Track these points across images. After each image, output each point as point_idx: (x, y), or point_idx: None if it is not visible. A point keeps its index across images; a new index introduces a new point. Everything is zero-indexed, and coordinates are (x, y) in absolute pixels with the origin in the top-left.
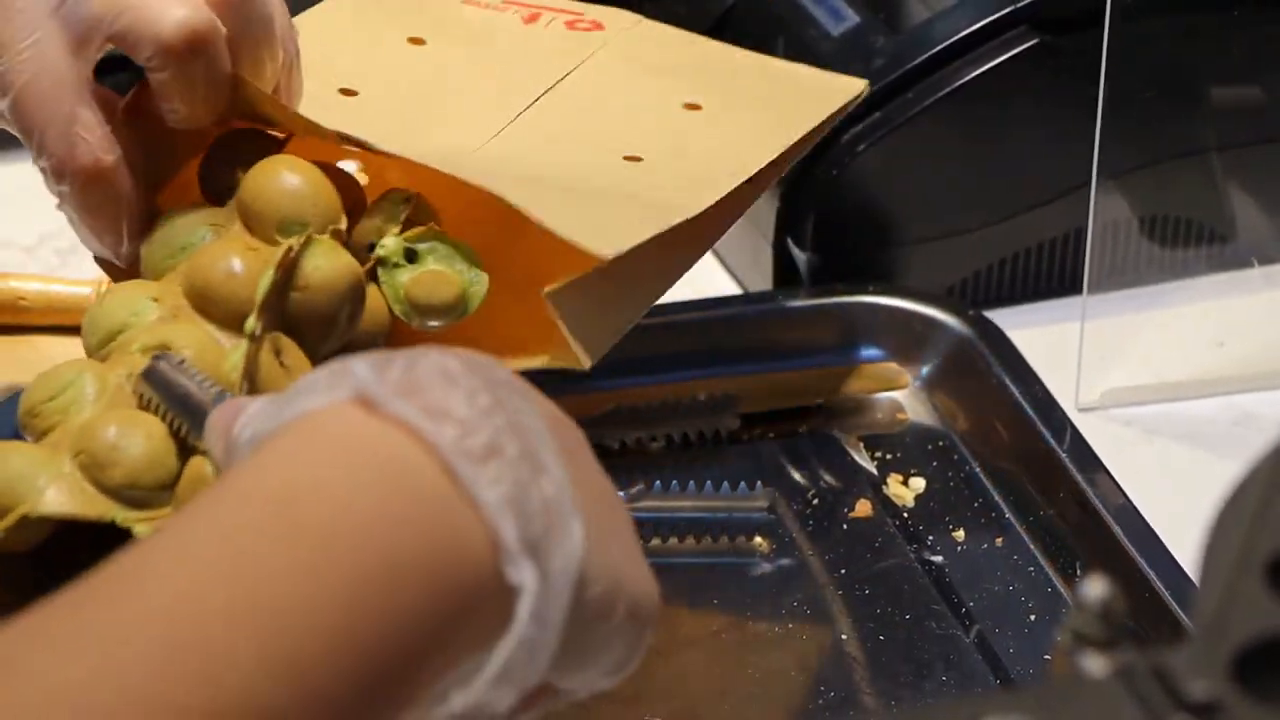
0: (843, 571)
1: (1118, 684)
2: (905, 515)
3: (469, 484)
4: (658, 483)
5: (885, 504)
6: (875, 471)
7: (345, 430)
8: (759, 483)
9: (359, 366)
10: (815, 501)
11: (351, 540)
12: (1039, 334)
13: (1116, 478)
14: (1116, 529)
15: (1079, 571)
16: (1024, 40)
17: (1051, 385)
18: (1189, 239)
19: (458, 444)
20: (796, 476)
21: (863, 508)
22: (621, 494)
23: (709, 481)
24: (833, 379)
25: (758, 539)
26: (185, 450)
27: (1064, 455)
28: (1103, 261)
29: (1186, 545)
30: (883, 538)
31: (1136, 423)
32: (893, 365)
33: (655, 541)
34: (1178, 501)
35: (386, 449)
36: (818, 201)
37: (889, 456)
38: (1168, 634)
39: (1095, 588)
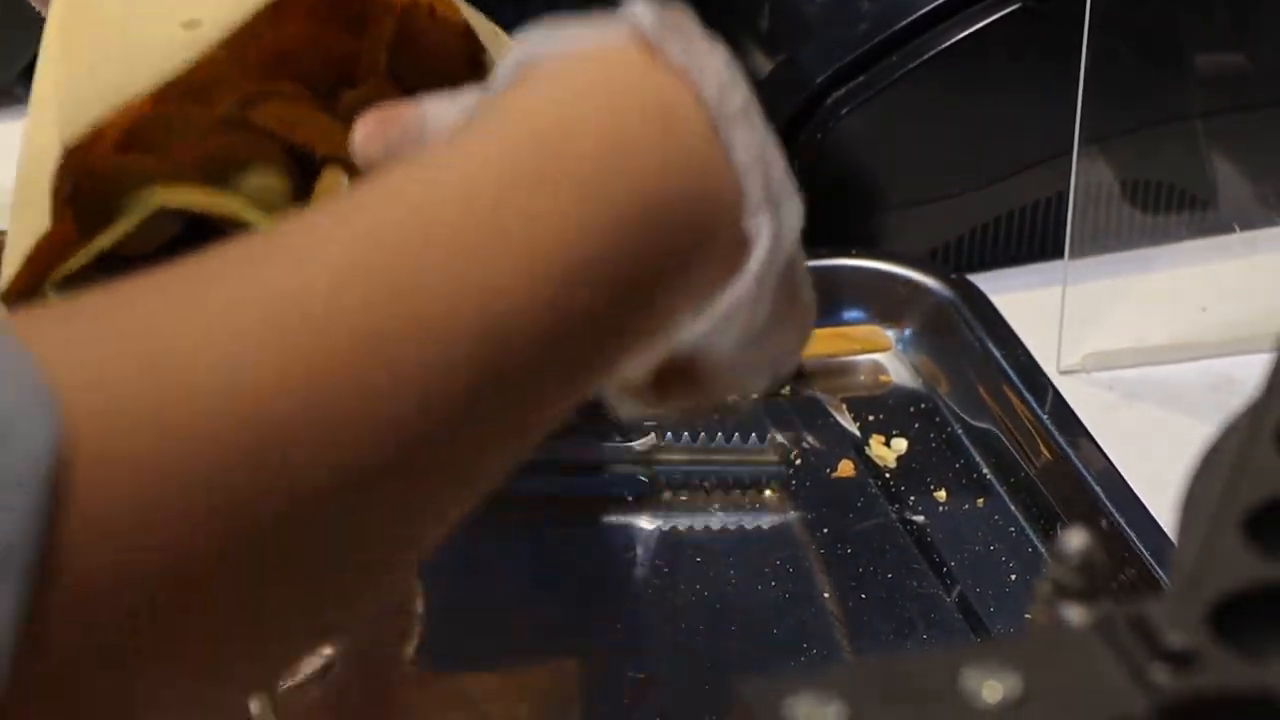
0: (825, 531)
1: (1097, 635)
2: (887, 476)
3: (727, 141)
4: (670, 434)
5: (868, 465)
6: (858, 433)
7: (626, 73)
8: (758, 437)
9: (638, 6)
10: (799, 462)
11: (625, 174)
12: (1021, 298)
13: (1097, 440)
14: (1097, 490)
15: (1059, 532)
16: (1007, 4)
17: (1033, 348)
18: (1171, 204)
19: (719, 103)
20: (780, 438)
21: (845, 468)
22: (636, 445)
23: (704, 435)
24: (816, 341)
25: (769, 493)
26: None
27: (1045, 418)
28: (1085, 226)
29: (1166, 506)
30: (865, 498)
31: (1118, 386)
32: (875, 328)
33: (669, 496)
34: (1157, 464)
35: (662, 95)
36: (802, 165)
37: (871, 418)
38: (1147, 593)
39: (1075, 540)
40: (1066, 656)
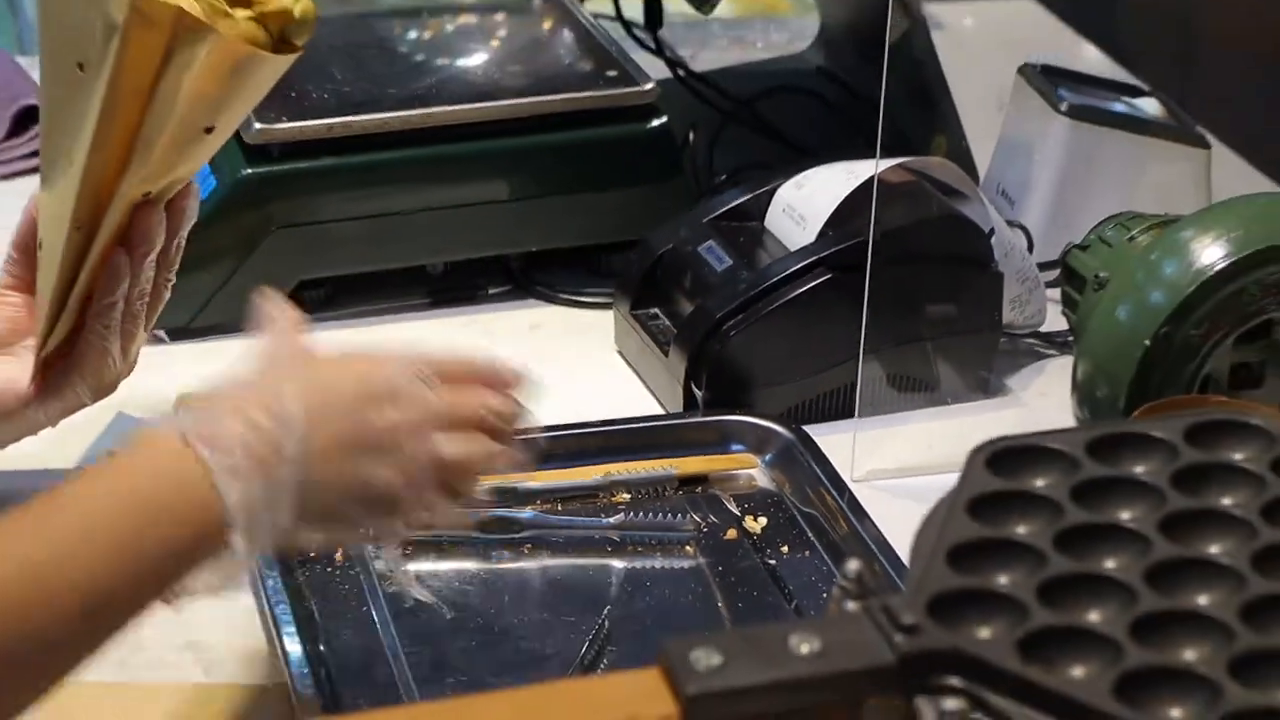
0: (720, 569)
1: (864, 615)
2: (755, 538)
3: (222, 492)
4: (625, 514)
5: (744, 532)
6: (738, 513)
7: (170, 448)
8: (681, 516)
9: (185, 415)
10: (705, 530)
11: (157, 510)
12: (832, 439)
13: (875, 520)
14: (873, 547)
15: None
16: (823, 275)
17: (838, 467)
18: (914, 387)
19: (220, 465)
20: (695, 516)
21: (731, 534)
22: (612, 520)
23: (653, 516)
24: (716, 462)
25: (688, 548)
26: None
27: (845, 507)
28: (867, 399)
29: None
30: (742, 550)
31: (886, 489)
32: (750, 455)
33: (631, 548)
34: (905, 532)
35: (186, 466)
36: (708, 362)
37: (746, 505)
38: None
39: (853, 565)
40: (848, 628)
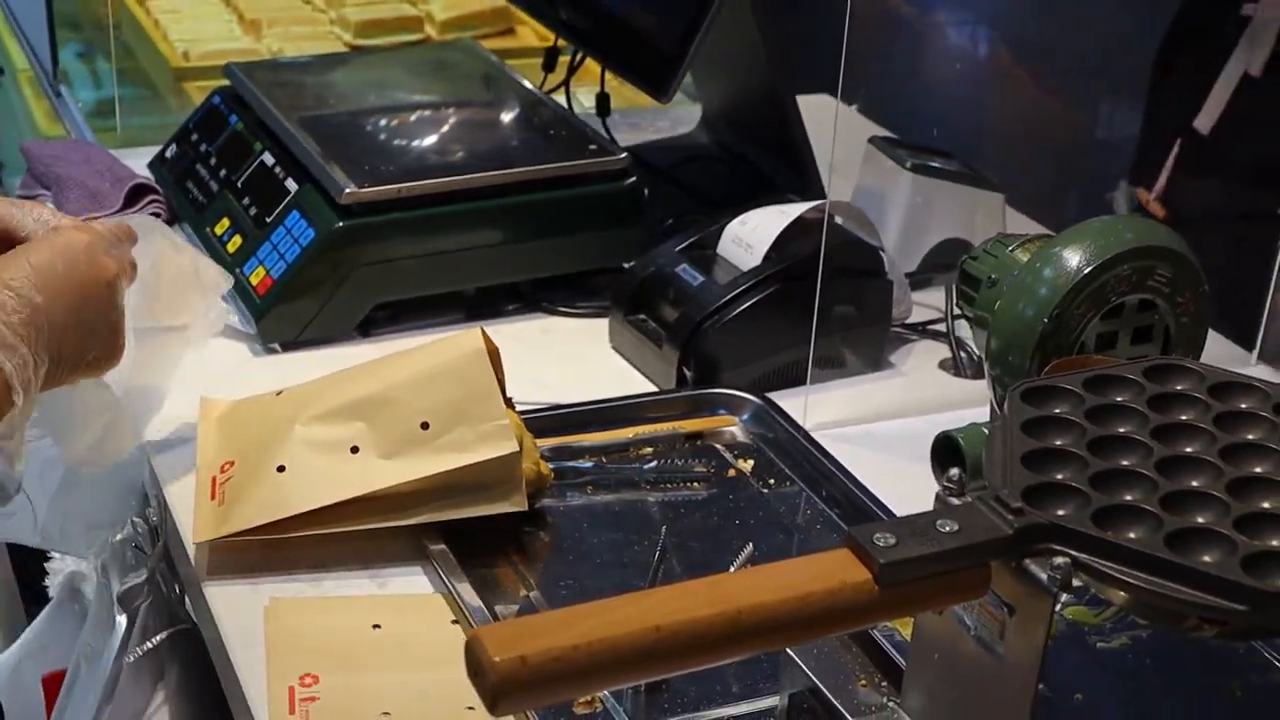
0: (730, 498)
1: (980, 505)
2: (747, 474)
3: (9, 377)
4: (657, 462)
5: (739, 471)
6: (731, 458)
7: None
8: (692, 461)
9: None
10: (711, 472)
11: None
12: (791, 401)
13: (831, 452)
14: (835, 472)
15: (815, 494)
16: (773, 286)
17: (797, 419)
18: (836, 365)
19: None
20: (702, 462)
21: (731, 472)
22: (649, 466)
23: (676, 462)
24: (708, 422)
25: (699, 484)
26: None
27: (805, 443)
28: (817, 374)
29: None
30: (739, 482)
31: (830, 435)
32: (732, 417)
33: (663, 485)
34: (849, 462)
35: None
36: (694, 352)
37: (735, 452)
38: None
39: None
40: (972, 514)
